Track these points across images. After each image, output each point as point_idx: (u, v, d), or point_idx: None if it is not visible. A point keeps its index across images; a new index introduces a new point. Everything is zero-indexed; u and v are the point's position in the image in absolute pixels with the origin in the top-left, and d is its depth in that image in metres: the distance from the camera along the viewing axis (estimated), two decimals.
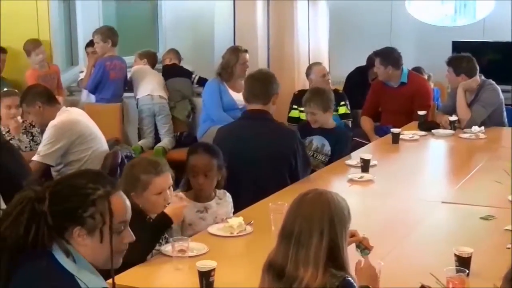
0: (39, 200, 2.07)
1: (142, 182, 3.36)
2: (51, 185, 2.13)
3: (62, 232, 2.08)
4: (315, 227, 2.36)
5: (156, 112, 7.21)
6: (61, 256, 2.07)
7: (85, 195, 2.09)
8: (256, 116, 4.58)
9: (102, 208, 2.09)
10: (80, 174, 2.20)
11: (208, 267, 2.84)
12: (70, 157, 4.97)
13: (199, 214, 3.77)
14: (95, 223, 2.08)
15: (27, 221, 2.05)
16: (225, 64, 6.42)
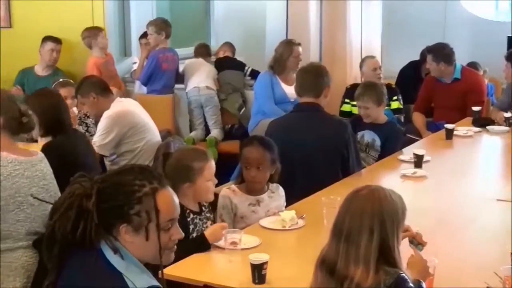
0: (87, 197, 2.08)
1: (196, 169, 3.39)
2: (99, 181, 2.13)
3: (110, 229, 2.09)
4: (364, 225, 2.33)
5: (203, 104, 7.24)
6: (109, 252, 2.09)
7: (131, 192, 2.09)
8: (307, 108, 4.58)
9: (148, 206, 2.08)
10: (127, 170, 2.20)
11: (261, 260, 2.84)
12: (123, 147, 5.02)
13: (251, 207, 3.77)
14: (141, 221, 2.08)
15: (75, 217, 2.07)
16: (278, 57, 6.41)
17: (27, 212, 3.28)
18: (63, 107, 4.39)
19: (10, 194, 3.21)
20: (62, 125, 4.32)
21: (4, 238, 3.23)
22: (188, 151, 3.60)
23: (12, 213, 3.23)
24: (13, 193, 3.22)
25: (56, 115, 4.31)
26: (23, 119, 3.39)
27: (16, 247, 3.26)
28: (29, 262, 3.29)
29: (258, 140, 3.90)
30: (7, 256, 3.25)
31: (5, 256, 3.24)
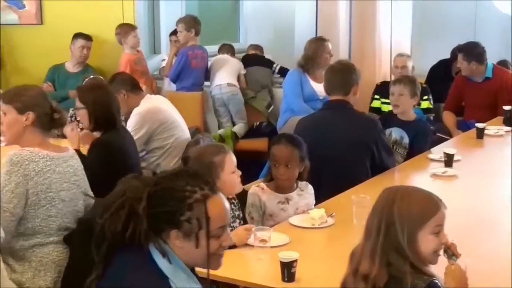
0: (138, 200, 2.07)
1: (217, 164, 3.38)
2: (150, 183, 2.12)
3: (159, 232, 2.09)
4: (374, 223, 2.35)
5: (225, 101, 7.26)
6: (158, 255, 2.08)
7: (182, 198, 2.07)
8: (336, 106, 4.58)
9: (199, 213, 2.07)
10: (179, 174, 2.17)
11: (290, 258, 2.84)
12: (153, 144, 5.04)
13: (280, 205, 3.76)
14: (192, 228, 2.07)
15: (125, 218, 2.07)
16: (310, 55, 6.39)
17: (58, 207, 3.31)
18: (114, 102, 4.39)
19: (41, 190, 3.24)
20: (112, 120, 4.33)
21: (35, 233, 3.27)
22: (206, 148, 3.60)
23: (44, 209, 3.27)
24: (44, 189, 3.25)
25: (106, 110, 4.32)
26: (55, 115, 3.43)
27: (47, 242, 3.30)
28: (60, 257, 3.33)
29: (286, 137, 3.89)
30: (38, 251, 3.29)
31: (36, 251, 3.29)
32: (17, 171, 3.19)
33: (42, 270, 3.28)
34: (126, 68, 6.74)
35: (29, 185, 3.21)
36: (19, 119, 3.35)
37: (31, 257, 3.28)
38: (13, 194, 3.18)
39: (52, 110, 3.42)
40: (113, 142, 4.30)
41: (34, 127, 3.37)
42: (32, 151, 3.26)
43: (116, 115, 4.37)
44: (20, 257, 3.28)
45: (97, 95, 4.36)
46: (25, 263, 3.28)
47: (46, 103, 3.42)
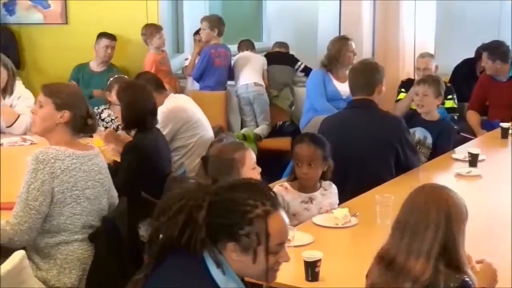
0: (198, 208, 2.05)
1: (238, 160, 3.40)
2: (211, 192, 2.09)
3: (216, 242, 2.07)
4: (431, 220, 2.32)
5: (251, 100, 7.26)
6: (212, 264, 2.06)
7: (244, 212, 2.05)
8: (360, 105, 4.58)
9: (259, 228, 2.04)
10: (241, 186, 2.14)
11: (314, 258, 2.84)
12: (176, 143, 5.05)
13: (304, 204, 3.75)
14: (250, 243, 2.05)
15: (182, 224, 2.04)
16: (334, 54, 6.38)
17: (83, 205, 3.33)
18: (148, 102, 4.39)
19: (67, 188, 3.27)
20: (144, 121, 4.35)
21: (60, 230, 3.30)
22: (225, 145, 3.62)
23: (69, 206, 3.29)
24: (70, 187, 3.28)
25: (139, 110, 4.34)
26: (89, 120, 3.45)
27: (72, 240, 3.32)
28: (85, 255, 3.35)
29: (309, 137, 3.89)
30: (63, 249, 3.31)
31: (61, 249, 3.31)
32: (43, 169, 3.22)
33: (67, 267, 3.30)
34: (151, 68, 6.78)
35: (55, 183, 3.23)
36: (55, 115, 3.37)
37: (56, 254, 3.31)
38: (39, 192, 3.21)
39: (87, 114, 3.44)
40: (146, 145, 4.31)
41: (65, 126, 3.39)
42: (58, 149, 3.29)
43: (147, 116, 4.37)
44: (45, 255, 3.31)
45: (131, 94, 4.40)
46: (50, 260, 3.30)
47: (84, 107, 3.44)
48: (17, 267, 2.84)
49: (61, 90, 3.45)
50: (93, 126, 3.52)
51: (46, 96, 3.41)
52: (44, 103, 3.41)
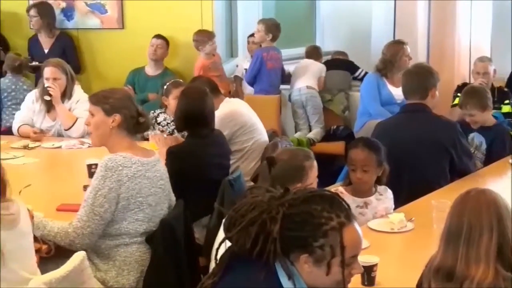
0: (271, 220, 2.04)
1: (306, 169, 3.37)
2: (285, 204, 2.07)
3: (288, 253, 2.06)
4: (484, 223, 2.31)
5: (304, 103, 7.27)
6: (283, 275, 2.06)
7: (318, 225, 2.04)
8: (414, 109, 4.57)
9: (334, 241, 2.04)
10: (315, 198, 2.11)
11: (370, 262, 2.84)
12: (232, 147, 5.06)
13: (359, 209, 3.75)
14: (324, 255, 2.04)
15: (255, 235, 2.04)
16: (388, 58, 6.35)
17: (146, 212, 3.39)
18: (204, 106, 4.40)
19: (132, 195, 3.33)
20: (197, 125, 4.37)
21: (121, 234, 3.36)
22: (297, 151, 3.58)
23: (132, 212, 3.35)
24: (135, 194, 3.33)
25: (191, 113, 4.37)
26: (140, 118, 3.50)
27: (131, 243, 3.38)
28: (143, 257, 3.40)
29: (364, 141, 3.89)
30: (122, 250, 3.37)
31: (120, 251, 3.37)
32: (111, 176, 3.28)
33: (125, 269, 3.36)
34: (200, 73, 6.82)
35: (121, 190, 3.30)
36: (106, 120, 3.44)
37: (115, 256, 3.36)
38: (105, 199, 3.27)
39: (138, 113, 3.49)
40: (188, 151, 4.32)
41: (120, 130, 3.45)
42: (125, 156, 3.35)
43: (200, 120, 4.37)
44: (105, 256, 3.37)
45: (185, 97, 4.45)
46: (109, 262, 3.36)
47: (133, 106, 3.50)
48: (78, 267, 2.90)
49: (107, 95, 3.51)
50: (146, 124, 3.58)
51: (94, 104, 3.49)
52: (94, 111, 3.48)
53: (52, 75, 5.50)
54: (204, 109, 4.40)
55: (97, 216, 3.28)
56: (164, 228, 3.40)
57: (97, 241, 3.35)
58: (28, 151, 5.13)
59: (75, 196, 3.89)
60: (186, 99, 4.45)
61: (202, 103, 4.41)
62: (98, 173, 3.32)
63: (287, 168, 3.36)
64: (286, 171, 3.35)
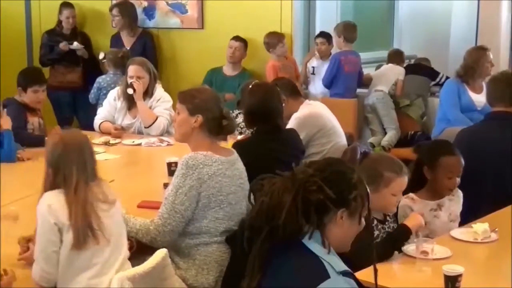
0: (313, 189, 2.14)
1: (385, 179, 3.35)
2: (312, 174, 2.18)
3: (323, 217, 2.17)
4: None
5: (374, 106, 7.24)
6: (315, 245, 2.15)
7: (349, 179, 2.20)
8: (499, 117, 4.49)
9: (362, 191, 2.21)
10: (332, 160, 2.32)
11: (455, 272, 2.80)
12: (310, 149, 5.07)
13: (433, 212, 3.71)
14: (357, 206, 2.19)
15: (305, 210, 2.13)
16: (469, 64, 6.23)
17: (226, 210, 3.41)
18: (267, 103, 4.40)
19: (213, 193, 3.35)
20: (260, 121, 4.39)
21: (201, 233, 3.39)
22: (386, 158, 3.55)
23: (212, 211, 3.37)
24: (215, 192, 3.36)
25: (255, 109, 4.39)
26: (224, 121, 3.52)
27: (211, 242, 3.40)
28: (222, 257, 3.42)
29: (454, 147, 3.84)
30: (202, 250, 3.39)
31: (200, 250, 3.39)
32: (191, 174, 3.31)
33: (205, 268, 3.38)
34: (270, 74, 6.85)
35: (202, 188, 3.33)
36: (189, 120, 3.48)
37: (195, 255, 3.39)
38: (186, 197, 3.31)
39: (221, 116, 3.51)
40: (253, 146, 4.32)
41: (201, 130, 3.48)
42: (206, 155, 3.38)
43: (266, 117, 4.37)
44: (185, 255, 3.40)
45: (253, 94, 4.46)
46: (189, 260, 3.39)
47: (217, 108, 3.51)
48: (160, 264, 2.95)
49: (193, 95, 3.54)
50: (230, 127, 3.58)
51: (181, 103, 3.54)
52: (180, 109, 3.53)
53: (136, 73, 5.60)
54: (267, 105, 4.40)
55: (178, 213, 3.31)
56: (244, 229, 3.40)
57: (177, 240, 3.38)
58: (109, 147, 5.23)
59: (155, 194, 3.97)
60: (251, 96, 4.47)
61: (266, 100, 4.42)
62: (179, 171, 3.36)
63: (367, 169, 3.31)
64: (366, 171, 3.19)
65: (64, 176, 2.93)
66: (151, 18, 7.63)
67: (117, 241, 2.99)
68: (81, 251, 2.88)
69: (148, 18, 7.64)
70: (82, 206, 2.87)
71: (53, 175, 2.96)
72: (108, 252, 2.94)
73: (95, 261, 2.91)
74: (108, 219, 2.95)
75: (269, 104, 4.41)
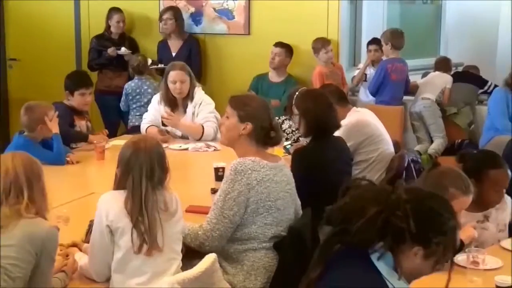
0: (399, 215, 2.08)
1: (449, 194, 3.14)
2: (406, 199, 2.12)
3: (399, 244, 2.11)
4: None
5: (420, 114, 7.20)
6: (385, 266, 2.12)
7: (441, 223, 2.11)
8: None
9: (450, 240, 2.11)
10: (436, 197, 2.21)
11: (507, 283, 2.77)
12: (358, 157, 5.04)
13: (480, 224, 3.66)
14: (437, 251, 2.11)
15: (381, 228, 2.09)
16: None
17: (274, 216, 3.41)
18: (327, 111, 4.42)
19: (261, 199, 3.36)
20: (320, 129, 4.40)
21: (250, 238, 3.39)
22: (455, 174, 3.34)
23: (261, 216, 3.38)
24: (264, 198, 3.36)
25: (315, 118, 4.38)
26: (271, 133, 3.52)
27: (260, 248, 3.40)
28: (270, 263, 3.41)
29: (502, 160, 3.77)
30: (250, 255, 3.40)
31: (248, 255, 3.40)
32: (240, 180, 3.33)
33: (253, 274, 3.38)
34: (316, 80, 6.84)
35: (250, 194, 3.34)
36: (238, 126, 3.49)
37: (243, 260, 3.39)
38: (234, 202, 3.32)
39: (270, 127, 3.51)
40: (314, 153, 4.34)
41: (248, 138, 3.49)
42: (254, 160, 3.39)
43: (322, 124, 4.39)
44: (233, 260, 3.41)
45: (308, 101, 4.46)
46: (237, 265, 3.39)
47: (267, 118, 3.52)
48: (209, 269, 2.96)
49: (246, 102, 3.55)
50: (277, 139, 3.58)
51: (232, 108, 3.55)
52: (230, 114, 3.54)
53: (179, 78, 5.64)
54: (328, 113, 4.42)
55: (226, 219, 3.33)
56: (293, 236, 3.41)
57: (225, 245, 3.40)
58: None
59: (203, 198, 3.99)
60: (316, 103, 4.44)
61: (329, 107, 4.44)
62: (228, 177, 3.37)
63: (434, 182, 3.22)
64: (432, 183, 3.19)
65: (132, 179, 2.96)
66: (198, 23, 7.67)
67: (171, 252, 3.02)
68: (133, 256, 2.92)
69: (195, 24, 7.67)
70: (140, 212, 2.91)
71: (120, 175, 3.01)
72: (160, 261, 2.97)
73: (145, 269, 2.95)
74: (165, 229, 2.97)
75: (329, 112, 4.43)
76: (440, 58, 7.71)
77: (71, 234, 3.31)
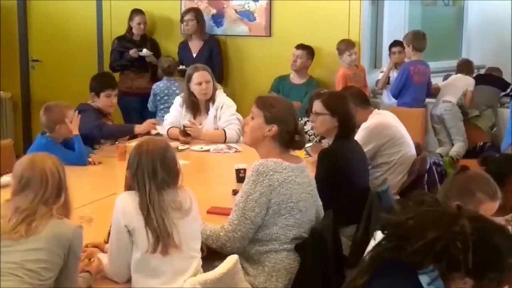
0: (459, 248, 2.01)
1: (476, 199, 3.10)
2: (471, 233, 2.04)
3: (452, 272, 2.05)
4: None
5: (441, 117, 7.18)
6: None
7: (499, 262, 2.05)
8: None
9: (504, 277, 2.06)
10: (500, 233, 2.11)
11: None
12: (379, 159, 5.03)
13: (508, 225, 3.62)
14: (488, 286, 2.05)
15: (435, 255, 2.03)
16: None
17: (296, 217, 3.41)
18: (349, 113, 4.44)
19: (283, 200, 3.35)
20: (348, 130, 4.41)
21: (271, 240, 3.39)
22: (483, 179, 3.24)
23: (283, 218, 3.37)
24: (286, 199, 3.36)
25: (349, 118, 4.40)
26: (296, 137, 3.51)
27: (281, 249, 3.39)
28: (292, 265, 3.41)
29: None
30: (272, 257, 3.39)
31: (269, 257, 3.39)
32: (262, 181, 3.33)
33: (274, 275, 3.37)
34: (339, 82, 6.83)
35: (272, 195, 3.33)
36: (264, 127, 3.49)
37: (265, 262, 3.39)
38: (256, 204, 3.32)
39: (295, 130, 3.51)
40: (341, 154, 4.34)
41: (273, 140, 3.49)
42: (276, 162, 3.39)
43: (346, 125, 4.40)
44: (255, 261, 3.40)
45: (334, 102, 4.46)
46: (259, 267, 3.39)
47: (292, 122, 3.52)
48: (231, 270, 2.96)
49: (273, 104, 3.55)
50: (301, 143, 3.58)
51: (258, 108, 3.54)
52: (256, 115, 3.54)
53: (205, 78, 5.66)
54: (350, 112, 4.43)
55: (248, 220, 3.33)
56: (315, 238, 3.40)
57: (247, 246, 3.40)
58: (178, 153, 5.26)
59: (224, 200, 3.99)
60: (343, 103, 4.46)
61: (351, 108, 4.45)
62: (249, 178, 3.37)
63: (460, 185, 3.17)
64: (458, 187, 3.15)
65: (137, 180, 2.99)
66: (219, 25, 7.68)
67: (189, 250, 3.03)
68: (151, 256, 2.93)
69: (216, 26, 7.69)
70: (152, 212, 2.93)
71: (128, 177, 3.05)
72: (179, 260, 2.98)
73: (164, 268, 2.96)
74: (180, 227, 2.98)
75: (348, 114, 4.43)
76: (462, 61, 7.67)
77: (94, 235, 3.33)
